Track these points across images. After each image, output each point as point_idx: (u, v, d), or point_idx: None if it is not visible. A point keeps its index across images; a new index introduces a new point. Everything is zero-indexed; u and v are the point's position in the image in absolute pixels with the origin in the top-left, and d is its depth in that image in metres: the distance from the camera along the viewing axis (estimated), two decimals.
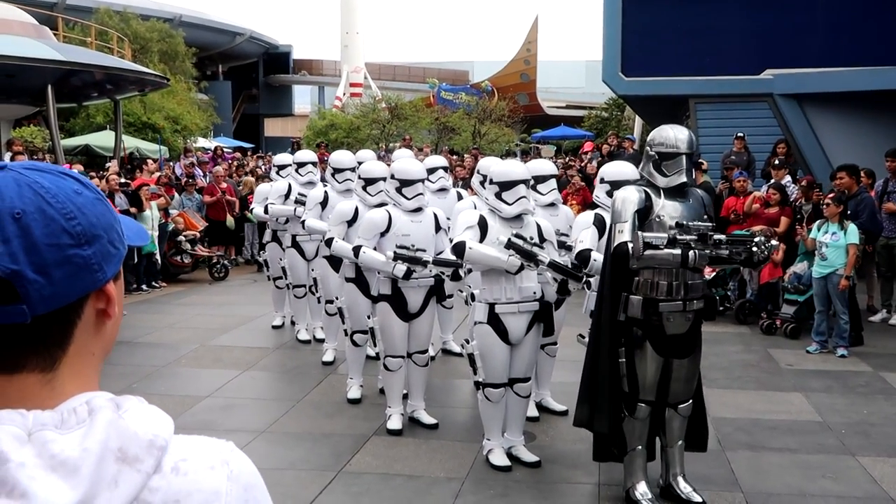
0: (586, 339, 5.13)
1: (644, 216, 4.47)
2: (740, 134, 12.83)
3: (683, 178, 4.50)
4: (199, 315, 10.20)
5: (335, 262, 7.23)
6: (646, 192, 4.51)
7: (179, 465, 0.92)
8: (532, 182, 6.07)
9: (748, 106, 13.72)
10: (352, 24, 44.85)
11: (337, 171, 7.43)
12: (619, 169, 5.76)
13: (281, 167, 8.98)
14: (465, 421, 6.06)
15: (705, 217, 4.56)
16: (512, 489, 4.89)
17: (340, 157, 7.66)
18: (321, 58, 50.80)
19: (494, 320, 5.06)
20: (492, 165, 5.59)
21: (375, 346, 6.01)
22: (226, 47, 41.46)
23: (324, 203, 7.43)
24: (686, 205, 4.56)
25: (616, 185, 5.28)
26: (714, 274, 9.69)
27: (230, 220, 14.12)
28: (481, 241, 4.99)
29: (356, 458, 5.39)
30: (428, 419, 5.95)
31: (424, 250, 5.63)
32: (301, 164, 8.42)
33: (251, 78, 46.48)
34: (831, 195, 8.45)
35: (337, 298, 6.74)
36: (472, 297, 5.31)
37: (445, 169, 7.96)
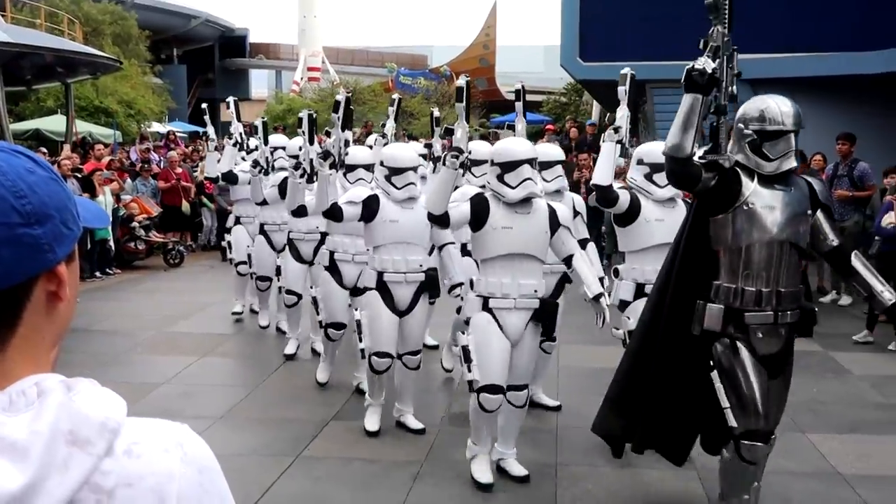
0: (621, 332, 4.97)
1: (727, 201, 3.71)
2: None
3: (793, 163, 3.73)
4: (155, 302, 10.07)
5: (296, 251, 7.13)
6: (733, 170, 3.70)
7: (132, 448, 0.91)
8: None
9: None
10: (309, 8, 44.39)
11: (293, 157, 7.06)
12: (659, 149, 5.00)
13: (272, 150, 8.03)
14: (425, 404, 6.07)
15: (809, 212, 3.81)
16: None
17: (299, 143, 7.19)
18: (278, 42, 50.24)
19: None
20: (494, 147, 4.99)
21: (361, 341, 5.42)
22: (181, 30, 40.76)
23: (283, 189, 7.03)
24: (787, 194, 3.74)
25: (657, 167, 4.76)
26: None
27: (185, 206, 13.93)
28: (478, 229, 4.53)
29: (315, 442, 5.38)
30: (415, 424, 5.54)
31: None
32: (274, 150, 7.83)
33: (207, 62, 45.75)
34: None
35: (312, 287, 6.55)
36: (471, 283, 4.73)
37: (424, 157, 7.61)
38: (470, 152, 4.44)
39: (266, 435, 5.56)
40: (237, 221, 8.66)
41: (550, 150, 6.00)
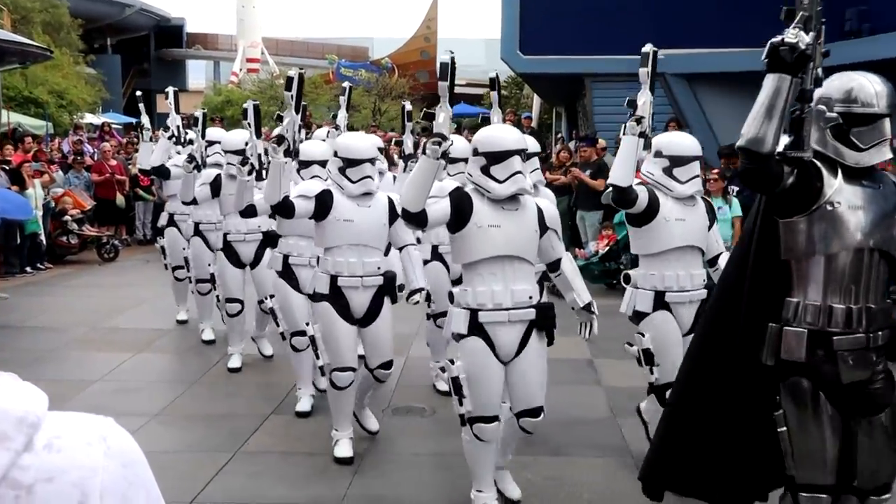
0: (634, 349, 4.62)
1: (806, 201, 3.03)
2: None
3: (888, 154, 3.08)
4: (88, 297, 9.84)
5: (233, 255, 6.63)
6: (813, 163, 3.04)
7: (53, 442, 0.89)
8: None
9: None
10: None
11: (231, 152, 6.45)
12: (680, 140, 4.80)
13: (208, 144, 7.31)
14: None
15: None
16: (411, 464, 4.93)
17: (234, 137, 6.66)
18: (216, 32, 49.36)
19: (478, 331, 3.94)
20: (477, 134, 4.29)
21: (318, 357, 4.92)
22: (114, 19, 39.73)
23: (215, 187, 6.55)
24: (875, 192, 3.09)
25: (678, 160, 4.49)
26: (609, 247, 9.98)
27: (120, 199, 13.63)
28: (459, 229, 3.94)
29: (254, 437, 5.32)
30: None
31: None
32: (209, 144, 7.22)
33: (142, 52, 44.71)
34: (716, 171, 8.85)
35: (269, 298, 6.04)
36: (450, 296, 4.11)
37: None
38: (451, 142, 3.80)
39: (204, 431, 5.48)
40: (171, 221, 8.02)
41: (525, 140, 5.68)
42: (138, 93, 8.17)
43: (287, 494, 4.53)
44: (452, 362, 4.02)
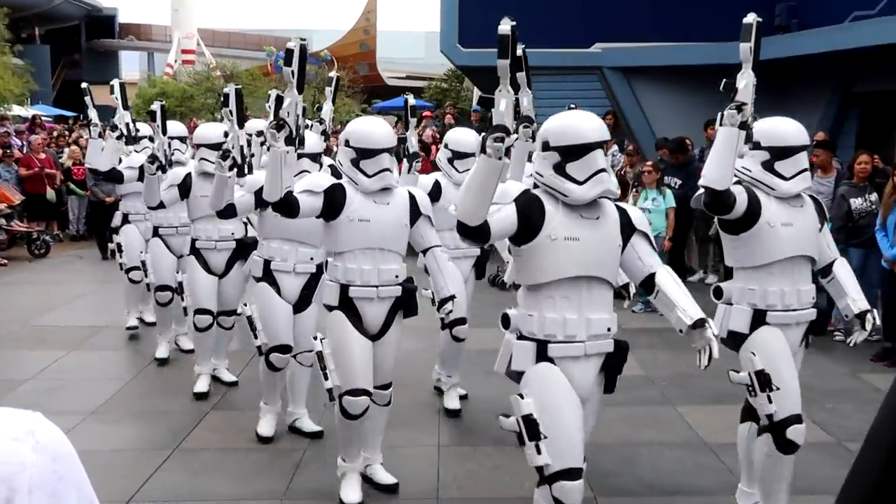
0: (743, 376, 3.79)
1: None
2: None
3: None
4: (19, 294, 9.58)
5: (203, 261, 5.90)
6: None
7: None
8: (451, 157, 5.60)
9: (579, 78, 14.25)
10: None
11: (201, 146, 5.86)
12: (783, 127, 4.17)
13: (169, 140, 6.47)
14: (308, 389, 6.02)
15: None
16: None
17: (209, 130, 5.96)
18: (150, 22, 48.38)
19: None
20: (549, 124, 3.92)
21: (327, 379, 4.16)
22: (43, 8, 38.55)
23: (184, 188, 5.83)
24: None
25: (782, 152, 3.85)
26: None
27: (51, 194, 13.23)
28: (530, 240, 3.22)
29: (194, 433, 5.25)
30: (388, 479, 4.46)
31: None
32: (170, 140, 6.44)
33: (73, 42, 43.54)
34: (650, 164, 9.03)
35: (245, 305, 5.27)
36: (504, 320, 3.44)
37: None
38: (516, 137, 3.19)
39: (141, 428, 5.39)
40: (125, 220, 7.49)
41: (468, 136, 5.73)
42: (84, 84, 7.51)
43: (228, 491, 4.48)
44: (521, 397, 3.20)
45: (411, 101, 5.62)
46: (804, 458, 4.73)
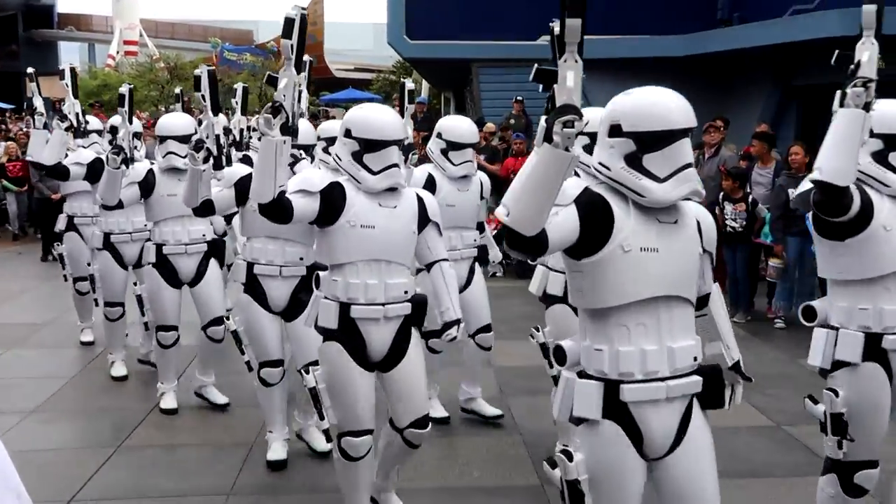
0: (820, 408, 3.27)
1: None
2: (519, 98, 13.38)
3: None
4: None
5: (168, 271, 5.35)
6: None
7: None
8: (445, 148, 5.01)
9: (527, 70, 14.28)
10: None
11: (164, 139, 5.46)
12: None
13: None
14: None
15: None
16: (301, 453, 4.88)
17: (175, 120, 5.54)
18: (90, 12, 47.24)
19: (616, 414, 2.50)
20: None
21: (323, 418, 3.60)
22: None
23: (146, 187, 5.33)
24: None
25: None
26: (496, 230, 10.10)
27: None
28: (597, 250, 2.48)
29: (138, 431, 5.17)
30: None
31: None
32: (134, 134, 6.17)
33: (10, 32, 42.30)
34: None
35: (227, 319, 4.97)
36: (559, 354, 2.72)
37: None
38: (587, 121, 2.45)
39: (84, 427, 5.29)
40: (70, 224, 6.80)
41: (465, 126, 5.14)
42: (30, 70, 6.83)
43: (174, 487, 4.41)
44: (567, 456, 2.54)
45: (409, 85, 4.80)
46: (744, 442, 4.87)
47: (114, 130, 5.71)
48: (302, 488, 4.44)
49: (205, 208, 4.24)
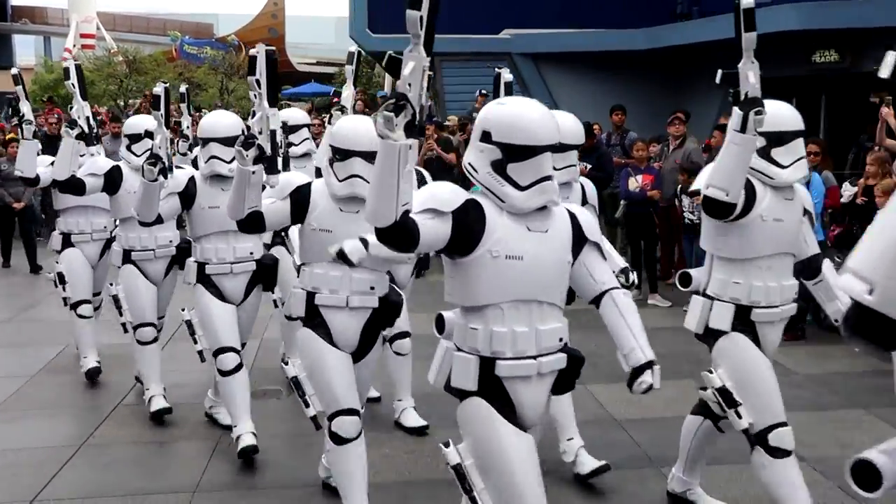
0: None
1: None
2: (483, 91, 13.42)
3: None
4: None
5: (218, 289, 4.79)
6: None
7: None
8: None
9: (489, 64, 14.41)
10: None
11: (133, 137, 5.42)
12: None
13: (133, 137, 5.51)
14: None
15: None
16: (267, 447, 4.87)
17: (217, 120, 4.96)
18: (45, 5, 46.32)
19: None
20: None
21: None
22: None
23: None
24: None
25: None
26: None
27: None
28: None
29: (102, 429, 5.12)
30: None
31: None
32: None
33: None
34: None
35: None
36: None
37: (309, 128, 6.03)
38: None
39: (46, 425, 5.22)
40: (67, 241, 6.19)
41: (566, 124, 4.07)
42: (14, 70, 5.98)
43: (138, 485, 4.38)
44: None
45: (507, 76, 4.19)
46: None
47: (149, 135, 5.20)
48: (269, 485, 4.43)
49: (252, 222, 3.63)
